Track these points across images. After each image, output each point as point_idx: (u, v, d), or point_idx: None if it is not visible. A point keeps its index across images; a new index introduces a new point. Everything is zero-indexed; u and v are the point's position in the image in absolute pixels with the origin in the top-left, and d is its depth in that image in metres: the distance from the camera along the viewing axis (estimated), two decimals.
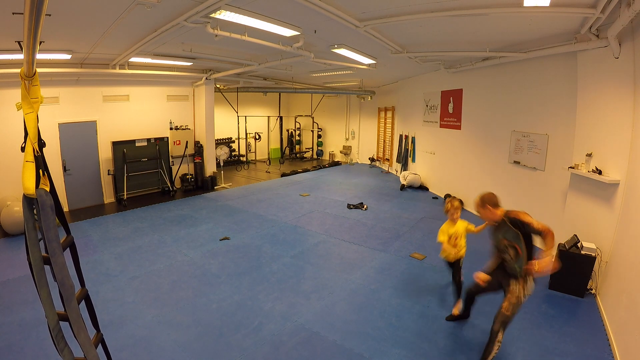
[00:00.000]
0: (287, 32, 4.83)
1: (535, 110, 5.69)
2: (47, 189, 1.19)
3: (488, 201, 3.06)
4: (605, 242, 4.05)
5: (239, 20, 4.20)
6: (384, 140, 13.42)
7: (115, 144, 8.06)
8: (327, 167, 13.67)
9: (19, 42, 4.89)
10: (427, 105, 9.63)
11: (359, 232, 6.30)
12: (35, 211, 1.18)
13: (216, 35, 4.53)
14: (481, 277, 3.06)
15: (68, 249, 1.45)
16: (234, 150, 13.42)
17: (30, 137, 1.20)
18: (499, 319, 2.81)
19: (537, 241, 2.84)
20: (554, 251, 3.85)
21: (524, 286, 2.81)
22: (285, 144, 16.08)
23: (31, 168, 1.17)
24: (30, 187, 1.13)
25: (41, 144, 1.27)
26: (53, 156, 7.23)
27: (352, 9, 4.06)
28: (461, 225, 3.87)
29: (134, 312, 3.78)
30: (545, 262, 2.60)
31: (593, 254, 3.99)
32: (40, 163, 1.20)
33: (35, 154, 1.19)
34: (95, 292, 4.14)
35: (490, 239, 3.11)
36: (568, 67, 4.91)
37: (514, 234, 2.79)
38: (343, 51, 6.28)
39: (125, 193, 8.10)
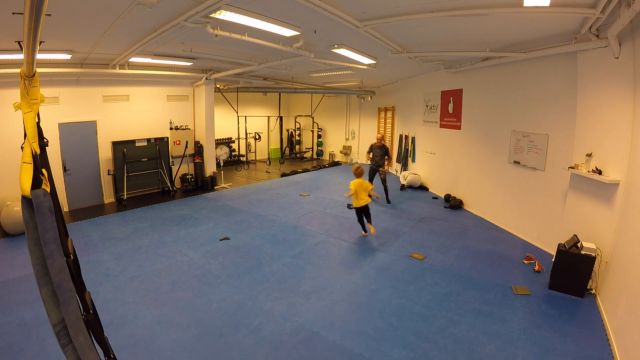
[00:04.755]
0: (287, 32, 4.83)
1: (535, 110, 5.69)
2: (49, 189, 1.19)
3: (381, 139, 8.31)
4: (605, 242, 4.05)
5: (239, 20, 4.20)
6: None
7: (115, 144, 8.06)
8: (327, 167, 13.67)
9: (19, 42, 4.89)
10: (427, 105, 9.63)
11: (359, 232, 6.30)
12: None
13: (216, 35, 4.53)
14: (381, 170, 8.14)
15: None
16: (234, 150, 13.42)
17: (29, 137, 1.19)
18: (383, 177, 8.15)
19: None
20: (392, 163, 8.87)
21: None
22: (285, 144, 16.07)
23: (28, 169, 1.15)
24: (27, 189, 1.12)
25: (43, 143, 1.26)
26: (53, 156, 7.22)
27: (352, 9, 4.06)
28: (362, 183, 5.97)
29: (134, 312, 3.78)
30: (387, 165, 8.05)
31: (593, 254, 3.99)
32: (39, 163, 1.19)
33: (34, 153, 1.18)
34: (95, 292, 4.14)
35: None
36: (568, 67, 4.91)
37: (383, 152, 8.13)
38: (343, 51, 6.28)
39: (125, 193, 8.10)
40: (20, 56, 5.43)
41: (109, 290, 4.24)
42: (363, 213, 6.00)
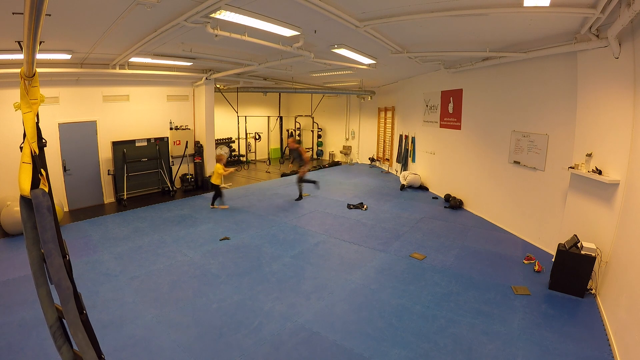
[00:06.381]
0: (287, 32, 4.83)
1: (535, 110, 5.69)
2: (47, 189, 1.19)
3: (295, 142, 8.87)
4: (605, 242, 4.05)
5: (239, 20, 4.20)
6: (384, 140, 13.42)
7: (115, 144, 8.06)
8: (327, 167, 13.67)
9: (19, 42, 4.89)
10: (427, 105, 9.63)
11: (359, 232, 6.30)
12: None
13: (216, 35, 4.53)
14: (292, 167, 9.02)
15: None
16: (234, 150, 13.42)
17: (28, 137, 1.19)
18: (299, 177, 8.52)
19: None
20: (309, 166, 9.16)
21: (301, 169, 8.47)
22: (285, 144, 16.07)
23: (28, 169, 1.16)
24: (27, 189, 1.12)
25: (42, 143, 1.27)
26: (53, 156, 7.23)
27: (352, 9, 4.06)
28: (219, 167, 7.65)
29: (134, 312, 3.78)
30: (303, 168, 8.48)
31: (593, 254, 3.99)
32: (38, 163, 1.20)
33: (33, 153, 1.18)
34: (95, 292, 4.14)
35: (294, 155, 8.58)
36: (568, 67, 4.91)
37: (297, 154, 8.53)
38: (343, 51, 6.28)
39: (125, 193, 8.10)
40: (20, 56, 5.42)
41: (109, 290, 4.23)
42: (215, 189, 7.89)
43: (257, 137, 13.98)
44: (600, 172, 4.13)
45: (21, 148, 1.20)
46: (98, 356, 1.43)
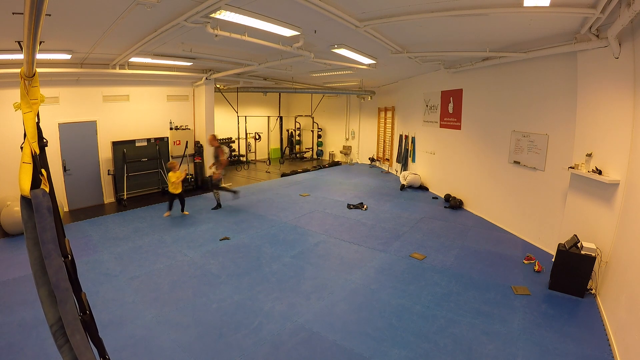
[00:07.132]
0: (287, 32, 4.83)
1: (535, 110, 5.69)
2: (47, 189, 1.19)
3: (215, 139, 7.56)
4: (605, 242, 4.05)
5: (239, 20, 4.20)
6: (384, 140, 13.42)
7: (115, 144, 8.06)
8: (327, 167, 13.67)
9: (19, 42, 4.89)
10: (427, 105, 9.63)
11: (359, 232, 6.30)
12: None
13: (216, 35, 4.53)
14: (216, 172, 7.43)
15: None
16: (234, 150, 13.42)
17: (28, 137, 1.19)
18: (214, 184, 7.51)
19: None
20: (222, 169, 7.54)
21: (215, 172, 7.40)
22: (285, 144, 16.08)
23: (28, 169, 1.15)
24: (27, 189, 1.12)
25: (42, 143, 1.26)
26: (53, 156, 7.22)
27: (352, 9, 4.06)
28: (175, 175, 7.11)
29: (134, 312, 3.78)
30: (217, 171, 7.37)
31: (593, 254, 3.99)
32: (38, 163, 1.19)
33: (33, 153, 1.18)
34: (95, 292, 4.14)
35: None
36: (568, 67, 4.91)
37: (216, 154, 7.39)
38: (343, 51, 6.28)
39: (125, 193, 8.09)
40: (20, 56, 5.42)
41: (109, 290, 4.23)
42: (175, 198, 7.24)
43: (257, 137, 13.98)
44: (600, 172, 4.13)
45: (22, 148, 1.20)
46: (102, 356, 1.43)
